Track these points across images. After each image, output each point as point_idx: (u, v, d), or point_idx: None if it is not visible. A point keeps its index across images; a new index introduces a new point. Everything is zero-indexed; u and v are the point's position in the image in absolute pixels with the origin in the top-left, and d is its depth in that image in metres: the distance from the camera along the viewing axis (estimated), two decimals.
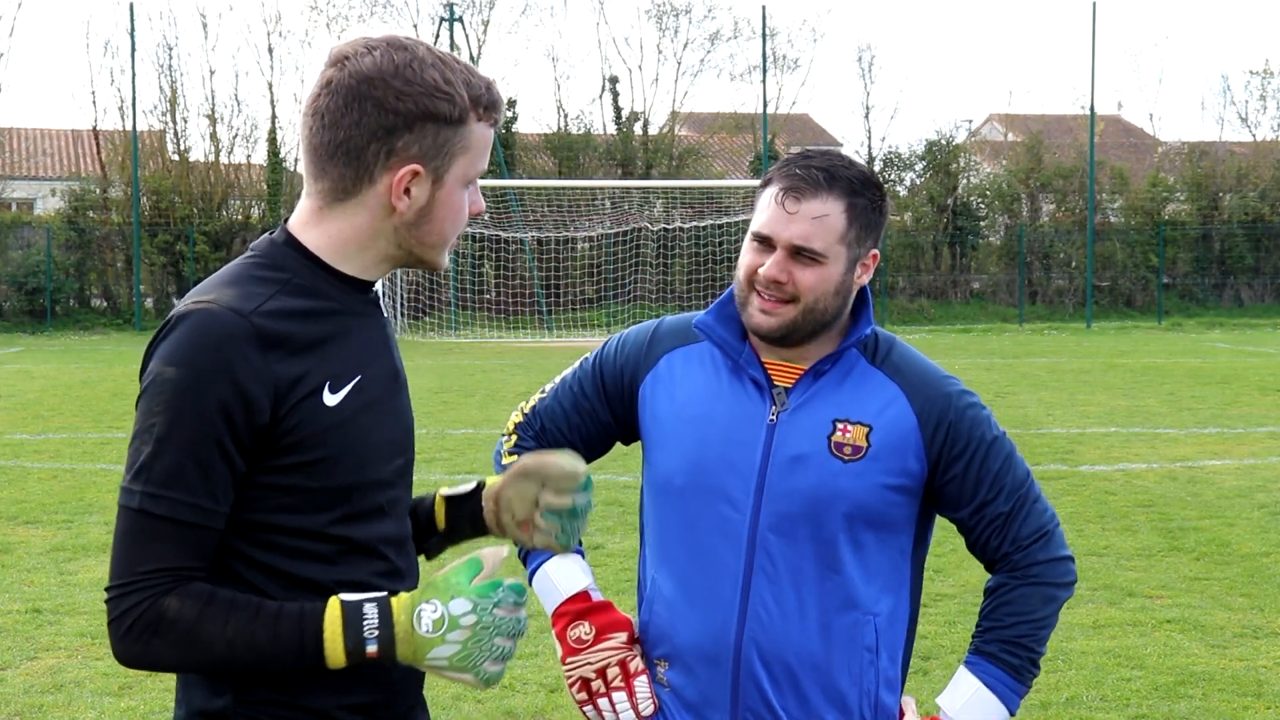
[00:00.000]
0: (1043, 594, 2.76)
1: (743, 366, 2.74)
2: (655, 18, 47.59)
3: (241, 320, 2.13)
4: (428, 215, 2.25)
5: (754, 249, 2.69)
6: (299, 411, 2.16)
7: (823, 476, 2.67)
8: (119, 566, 2.14)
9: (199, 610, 2.12)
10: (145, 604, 2.12)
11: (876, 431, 2.70)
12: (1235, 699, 6.50)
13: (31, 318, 37.73)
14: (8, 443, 15.08)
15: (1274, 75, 47.92)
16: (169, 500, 2.11)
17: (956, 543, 9.75)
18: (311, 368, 2.19)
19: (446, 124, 2.20)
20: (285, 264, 2.24)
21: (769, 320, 2.68)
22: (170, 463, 2.11)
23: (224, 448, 2.12)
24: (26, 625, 7.78)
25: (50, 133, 50.51)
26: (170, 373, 2.12)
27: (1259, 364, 25.35)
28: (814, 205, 2.65)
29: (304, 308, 2.20)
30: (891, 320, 40.30)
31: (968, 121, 50.19)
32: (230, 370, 2.10)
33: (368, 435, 2.25)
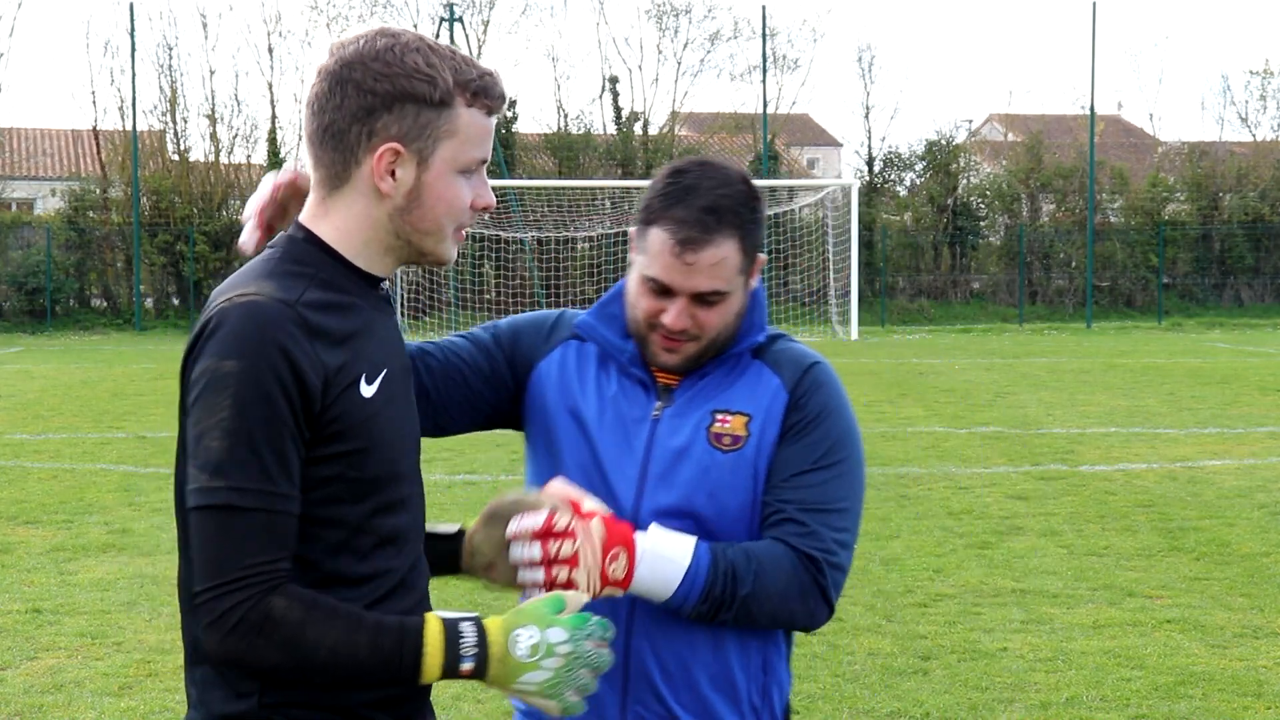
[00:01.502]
0: (795, 579, 2.59)
1: (627, 366, 2.73)
2: (655, 18, 47.63)
3: (290, 309, 2.16)
4: (417, 199, 2.26)
5: (649, 292, 2.64)
6: (342, 401, 2.20)
7: (701, 468, 2.65)
8: (214, 566, 2.12)
9: (304, 614, 2.13)
10: (250, 602, 2.12)
11: (756, 420, 2.68)
12: (1235, 699, 6.50)
13: (31, 318, 37.73)
14: (8, 443, 15.08)
15: (1274, 75, 47.93)
16: (255, 491, 2.12)
17: (956, 543, 9.75)
18: (349, 359, 2.22)
19: (428, 105, 2.23)
20: (308, 259, 2.27)
21: (673, 357, 2.67)
22: (248, 454, 2.11)
23: (292, 433, 2.15)
24: (26, 625, 7.78)
25: (50, 133, 50.52)
26: (230, 365, 2.12)
27: (1259, 364, 25.35)
28: (710, 252, 2.59)
29: (334, 301, 2.23)
30: (891, 320, 40.30)
31: (968, 121, 50.25)
32: (287, 357, 2.13)
33: (397, 427, 2.30)
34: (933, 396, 19.52)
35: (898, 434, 15.46)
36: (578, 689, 2.24)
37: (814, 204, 39.07)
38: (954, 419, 16.85)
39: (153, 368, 25.09)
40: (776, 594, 2.58)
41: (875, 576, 8.78)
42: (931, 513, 10.87)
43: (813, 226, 39.16)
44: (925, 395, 19.73)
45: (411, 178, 2.25)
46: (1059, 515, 10.75)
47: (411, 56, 2.23)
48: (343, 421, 2.20)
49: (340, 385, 2.20)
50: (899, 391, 20.29)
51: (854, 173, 46.36)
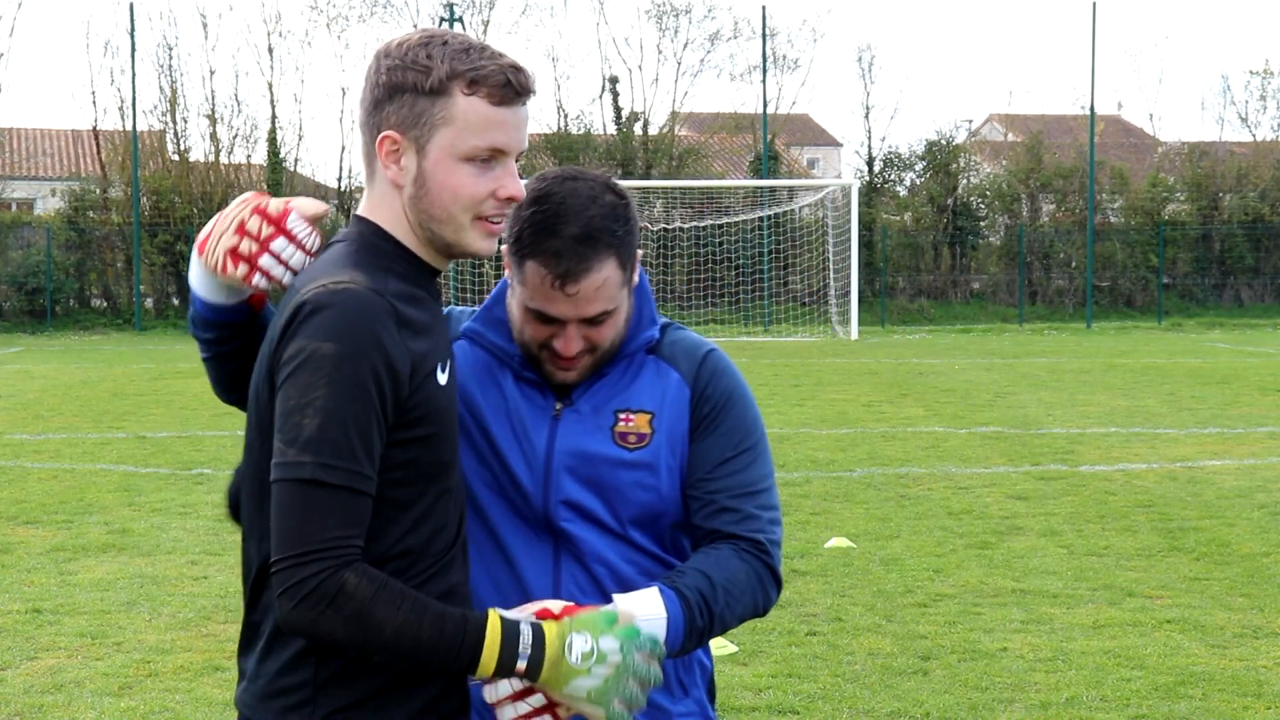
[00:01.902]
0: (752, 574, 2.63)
1: (519, 370, 2.70)
2: (655, 18, 47.59)
3: (382, 300, 2.26)
4: (423, 187, 2.33)
5: (534, 320, 2.61)
6: (425, 389, 2.31)
7: (606, 467, 2.65)
8: (292, 537, 2.20)
9: (375, 591, 2.21)
10: (325, 574, 2.19)
11: (660, 416, 2.68)
12: (1235, 699, 6.50)
13: (31, 318, 37.73)
14: (8, 443, 15.08)
15: (1274, 75, 47.93)
16: (342, 470, 2.20)
17: (956, 543, 9.75)
18: (430, 348, 2.34)
19: (422, 94, 2.29)
20: (383, 250, 2.37)
21: (569, 375, 2.66)
22: (339, 433, 2.20)
23: (379, 418, 2.24)
24: (26, 625, 7.78)
25: (50, 133, 50.53)
26: (329, 348, 2.21)
27: (1259, 364, 25.35)
28: (591, 279, 2.56)
29: (411, 293, 2.35)
30: (891, 320, 40.31)
31: (968, 121, 50.22)
32: (381, 344, 2.23)
33: (458, 415, 2.47)
34: (933, 396, 19.52)
35: (898, 434, 15.47)
36: (625, 699, 2.30)
37: (814, 204, 39.08)
38: (954, 419, 16.85)
39: (153, 368, 25.10)
40: (742, 597, 2.61)
41: (875, 576, 8.78)
42: (931, 513, 10.87)
43: (813, 226, 39.17)
44: (925, 395, 19.73)
45: (414, 166, 2.32)
46: (1059, 515, 10.75)
47: (416, 50, 2.30)
48: (424, 408, 2.31)
49: (423, 374, 2.31)
50: (899, 391, 20.29)
51: (854, 173, 46.37)
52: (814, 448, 14.33)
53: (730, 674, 6.80)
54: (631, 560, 2.68)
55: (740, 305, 39.55)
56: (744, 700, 6.46)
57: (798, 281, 39.57)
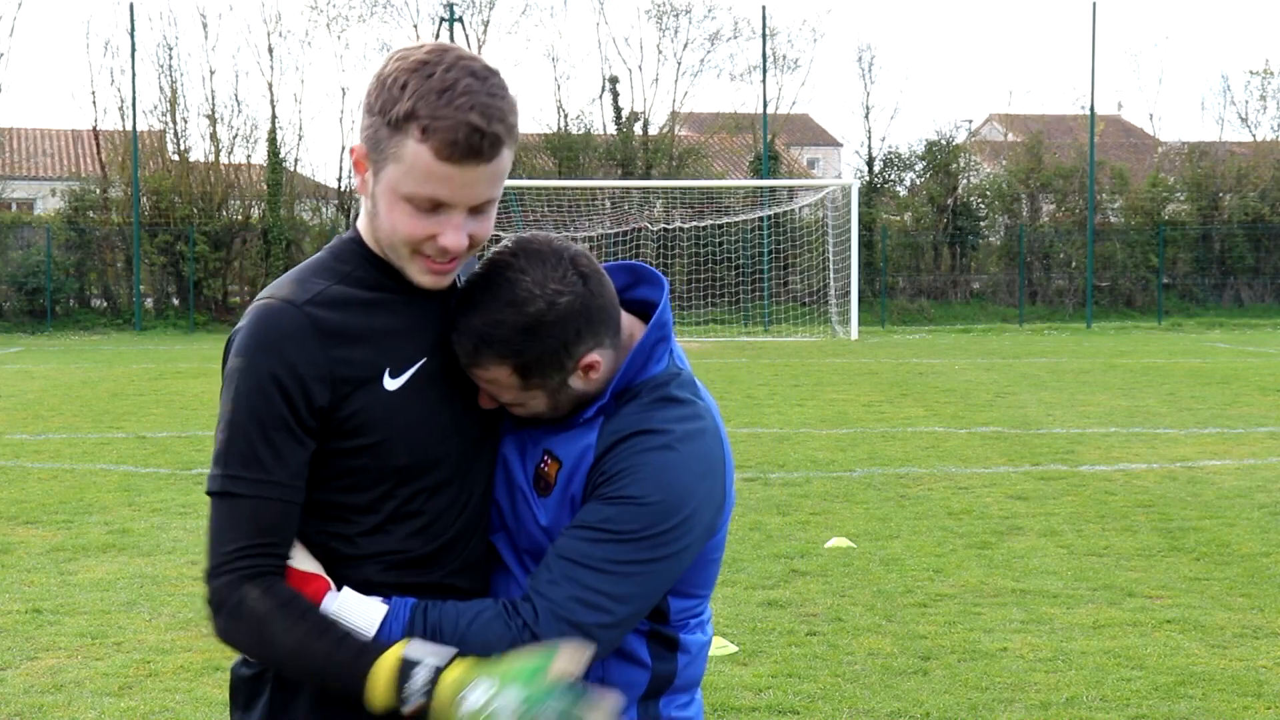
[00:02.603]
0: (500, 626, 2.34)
1: None
2: (655, 18, 47.59)
3: (294, 310, 2.29)
4: (376, 207, 2.34)
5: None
6: (359, 397, 2.31)
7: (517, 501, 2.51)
8: (209, 552, 2.30)
9: (270, 608, 2.26)
10: (229, 587, 2.28)
11: (565, 470, 2.46)
12: (1235, 699, 6.50)
13: (31, 318, 37.73)
14: (8, 443, 15.08)
15: (1274, 75, 47.93)
16: (246, 480, 2.27)
17: (956, 543, 9.75)
18: (369, 354, 2.33)
19: (385, 124, 2.26)
20: (347, 257, 2.40)
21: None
22: (243, 444, 2.28)
23: (289, 427, 2.28)
24: (26, 625, 7.78)
25: (50, 133, 50.53)
26: (235, 363, 2.30)
27: (1259, 364, 25.35)
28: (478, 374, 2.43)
29: (362, 298, 2.35)
30: (891, 320, 40.31)
31: (968, 121, 50.27)
32: (283, 355, 2.26)
33: (429, 416, 2.38)
34: (933, 396, 19.52)
35: (898, 434, 15.47)
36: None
37: (814, 204, 39.09)
38: (954, 419, 16.85)
39: (152, 368, 25.09)
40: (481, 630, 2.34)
41: (875, 576, 8.78)
42: (931, 513, 10.87)
43: (813, 226, 39.17)
44: (925, 395, 19.73)
45: (371, 184, 2.34)
46: (1059, 515, 10.74)
47: (401, 74, 2.25)
48: (360, 416, 2.32)
49: (355, 381, 2.31)
50: (899, 391, 20.29)
51: (854, 173, 46.38)
52: (814, 448, 14.33)
53: (730, 674, 6.80)
54: None
55: (740, 305, 39.55)
56: (744, 700, 6.46)
57: (798, 281, 39.57)
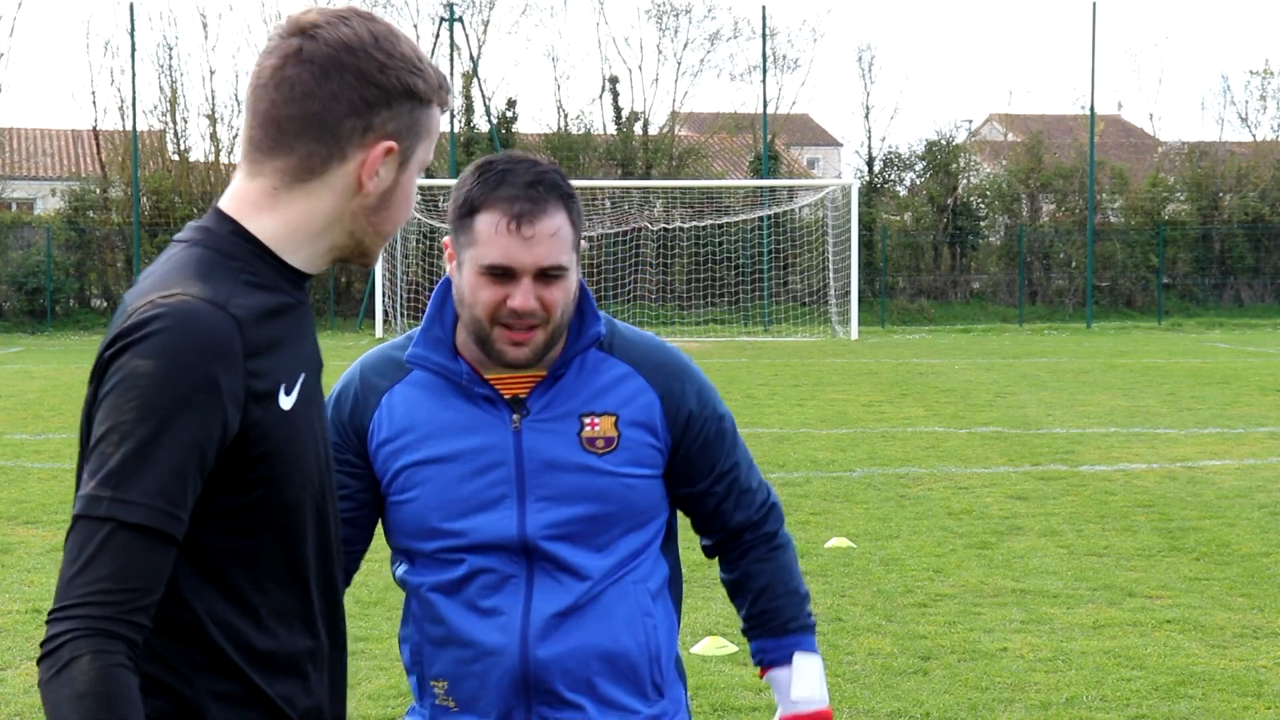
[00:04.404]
0: (791, 555, 2.86)
1: (467, 386, 2.66)
2: (655, 18, 47.63)
3: (221, 314, 1.94)
4: (389, 200, 2.10)
5: (488, 282, 2.56)
6: (262, 415, 1.98)
7: (583, 473, 2.63)
8: (62, 585, 1.85)
9: (89, 690, 1.80)
10: (66, 637, 1.82)
11: (624, 419, 2.67)
12: (1235, 699, 6.50)
13: (31, 318, 37.74)
14: (8, 443, 15.08)
15: (1274, 75, 47.93)
16: (141, 508, 1.85)
17: (956, 543, 9.75)
18: (273, 366, 2.01)
19: (420, 103, 2.08)
20: (237, 254, 2.03)
21: (521, 351, 2.59)
22: (145, 467, 1.86)
23: (201, 456, 1.91)
24: (26, 625, 7.78)
25: (50, 133, 50.51)
26: (146, 366, 1.89)
27: (1259, 364, 25.34)
28: (546, 223, 2.56)
29: (260, 303, 2.01)
30: (891, 320, 40.30)
31: (968, 121, 50.20)
32: (210, 368, 1.90)
33: (311, 441, 2.08)
34: (933, 396, 19.52)
35: (898, 434, 15.47)
36: None
37: (814, 204, 39.09)
38: (954, 419, 16.85)
39: None
40: (797, 566, 2.87)
41: (875, 576, 8.78)
42: (931, 513, 10.87)
43: (813, 226, 39.17)
44: (925, 395, 19.73)
45: (391, 178, 2.09)
46: (1059, 515, 10.74)
47: (405, 47, 2.07)
48: (263, 442, 1.98)
49: (261, 398, 1.98)
50: (899, 391, 20.29)
51: (854, 173, 46.39)
52: (814, 448, 14.33)
53: (730, 674, 6.81)
54: (602, 567, 2.67)
55: (740, 305, 39.55)
56: (744, 700, 6.46)
57: (798, 281, 39.56)
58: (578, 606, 2.65)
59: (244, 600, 2.01)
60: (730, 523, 2.80)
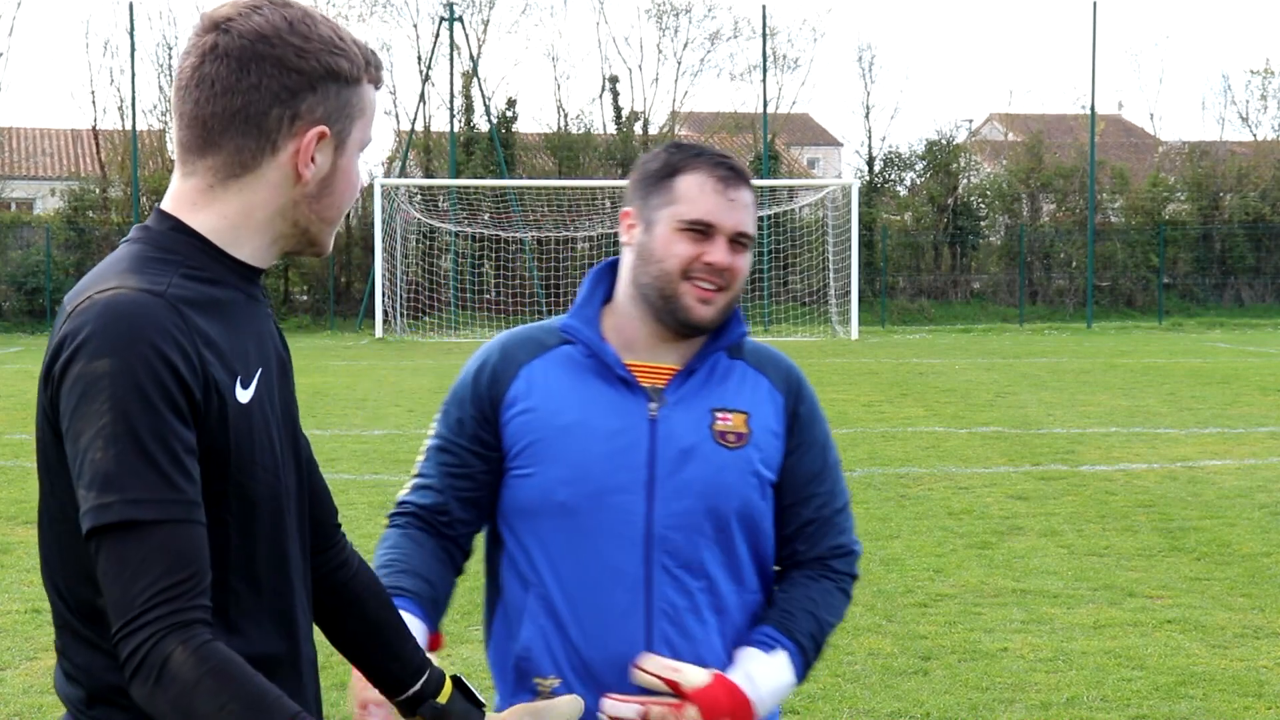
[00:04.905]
0: (842, 603, 2.82)
1: (610, 367, 2.70)
2: (655, 17, 47.64)
3: (158, 300, 1.91)
4: (329, 186, 2.06)
5: (688, 238, 2.66)
6: (221, 409, 1.95)
7: (712, 467, 2.67)
8: (119, 604, 1.84)
9: (199, 676, 1.82)
10: (149, 645, 1.82)
11: (755, 418, 2.73)
12: (1236, 699, 6.49)
13: (31, 318, 37.73)
14: (8, 443, 15.08)
15: (1275, 75, 47.94)
16: (151, 502, 1.84)
17: (957, 543, 9.75)
18: (225, 357, 1.97)
19: (346, 84, 2.03)
20: (176, 247, 2.01)
21: (708, 310, 2.68)
22: (139, 460, 1.84)
23: (181, 435, 1.88)
24: (26, 625, 7.78)
25: (50, 132, 50.52)
26: (103, 365, 1.86)
27: (1260, 364, 25.34)
28: (745, 193, 2.70)
29: (203, 294, 1.98)
30: (891, 320, 40.30)
31: (968, 121, 50.27)
32: (161, 352, 1.87)
33: (271, 437, 2.05)
34: (933, 396, 19.52)
35: (898, 434, 15.46)
36: None
37: (814, 204, 39.09)
38: (954, 419, 16.85)
39: None
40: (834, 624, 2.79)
41: (875, 576, 8.77)
42: (931, 513, 10.86)
43: (813, 226, 39.17)
44: (925, 395, 19.72)
45: (329, 163, 2.05)
46: (1059, 515, 10.74)
47: (323, 28, 2.02)
48: (222, 433, 1.94)
49: (218, 389, 1.94)
50: (899, 391, 20.28)
51: (854, 172, 46.39)
52: None
53: None
54: (726, 564, 2.70)
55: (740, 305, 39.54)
56: None
57: (798, 281, 39.56)
58: (697, 608, 2.67)
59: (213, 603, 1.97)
60: (803, 549, 2.79)
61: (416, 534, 2.75)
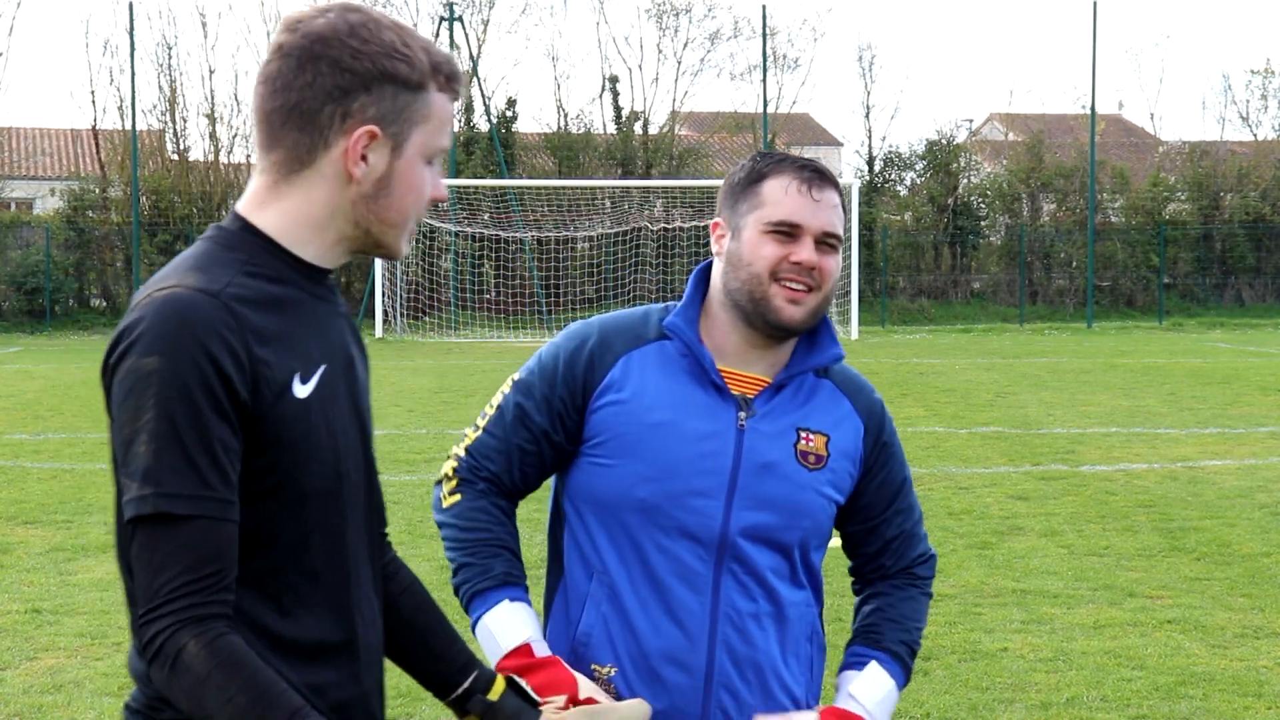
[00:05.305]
0: (927, 606, 2.95)
1: (706, 371, 2.71)
2: (655, 17, 47.61)
3: (213, 300, 2.00)
4: (387, 188, 2.13)
5: (775, 240, 2.68)
6: (273, 404, 2.03)
7: (792, 484, 2.71)
8: (146, 589, 1.96)
9: (210, 669, 1.93)
10: (167, 633, 1.95)
11: (833, 441, 2.76)
12: (1236, 699, 6.49)
13: (31, 318, 37.74)
14: (8, 443, 15.08)
15: (1275, 75, 47.94)
16: (184, 498, 1.94)
17: (957, 543, 9.75)
18: (282, 354, 2.05)
19: (405, 88, 2.10)
20: (240, 246, 2.10)
21: (798, 310, 2.68)
22: (178, 456, 1.94)
23: (222, 435, 1.98)
24: (26, 625, 7.78)
25: (50, 132, 50.51)
26: (150, 363, 1.96)
27: (1260, 364, 25.34)
28: (831, 194, 2.73)
29: (265, 292, 2.07)
30: (891, 320, 40.30)
31: (968, 121, 50.24)
32: (209, 351, 1.96)
33: (333, 432, 2.13)
34: (933, 396, 19.52)
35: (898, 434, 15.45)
36: None
37: None
38: (954, 419, 16.85)
39: None
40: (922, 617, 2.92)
41: None
42: (931, 513, 10.86)
43: None
44: (925, 395, 19.72)
45: (384, 164, 2.11)
46: (1059, 515, 10.74)
47: (387, 34, 2.10)
48: (275, 428, 2.03)
49: (272, 385, 2.03)
50: (899, 391, 20.29)
51: (854, 172, 46.38)
52: None
53: None
54: (789, 578, 2.76)
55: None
56: None
57: None
58: (759, 615, 2.71)
59: (262, 587, 2.06)
60: (888, 562, 2.89)
61: (503, 504, 2.80)
